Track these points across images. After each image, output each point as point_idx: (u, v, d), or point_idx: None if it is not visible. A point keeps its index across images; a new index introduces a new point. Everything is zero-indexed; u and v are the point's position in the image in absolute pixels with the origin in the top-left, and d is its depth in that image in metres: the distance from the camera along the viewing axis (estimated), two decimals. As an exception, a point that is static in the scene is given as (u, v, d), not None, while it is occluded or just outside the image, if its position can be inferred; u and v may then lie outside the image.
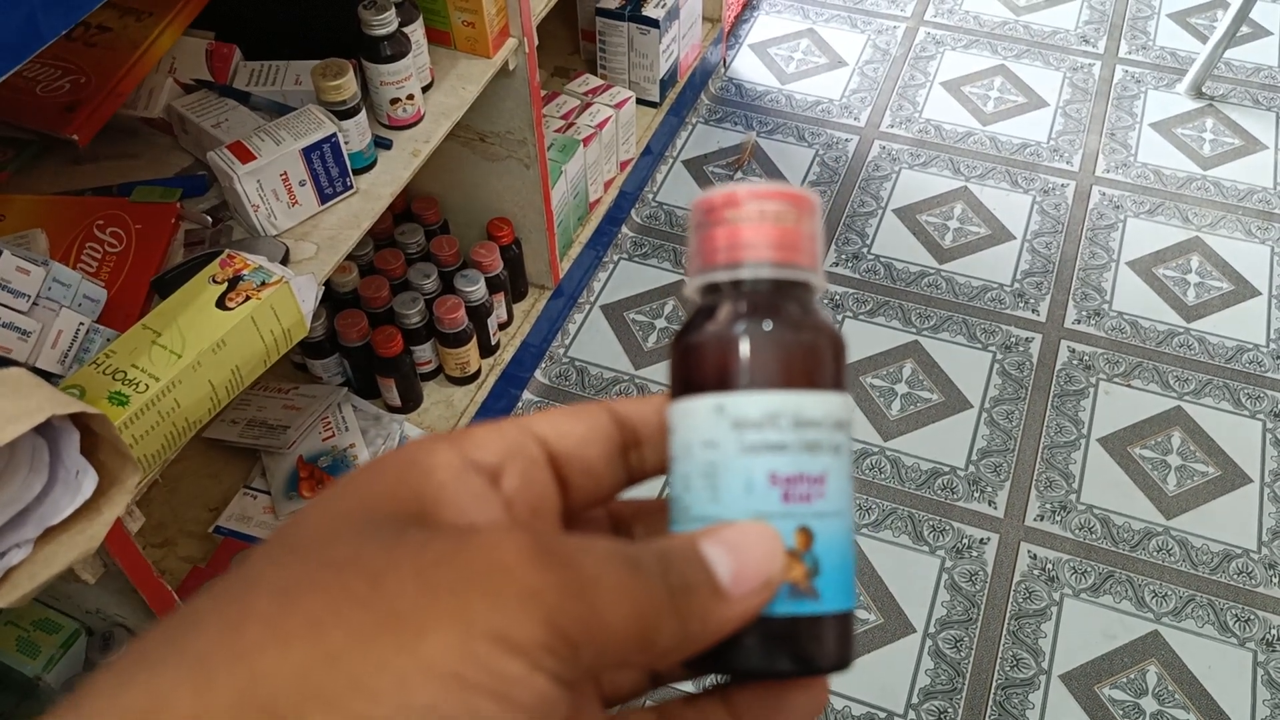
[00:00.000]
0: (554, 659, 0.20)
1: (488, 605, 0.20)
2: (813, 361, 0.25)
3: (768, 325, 0.25)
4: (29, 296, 0.78)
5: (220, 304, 0.83)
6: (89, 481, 0.56)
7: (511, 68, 1.21)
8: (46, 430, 0.56)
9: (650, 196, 1.78)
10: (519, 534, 0.21)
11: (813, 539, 0.24)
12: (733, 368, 0.25)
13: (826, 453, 0.25)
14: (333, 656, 0.19)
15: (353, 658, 0.19)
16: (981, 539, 1.36)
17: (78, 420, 0.58)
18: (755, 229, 0.25)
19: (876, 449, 1.45)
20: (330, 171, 0.99)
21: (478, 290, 1.32)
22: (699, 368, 0.26)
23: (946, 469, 1.43)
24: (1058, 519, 1.38)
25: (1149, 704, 1.22)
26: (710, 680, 0.26)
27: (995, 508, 1.39)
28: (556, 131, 1.51)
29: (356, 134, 1.02)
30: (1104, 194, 1.79)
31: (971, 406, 1.50)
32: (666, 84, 1.75)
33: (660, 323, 1.60)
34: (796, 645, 0.24)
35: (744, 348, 0.25)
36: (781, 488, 0.24)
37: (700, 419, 0.25)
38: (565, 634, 0.21)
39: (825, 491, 0.25)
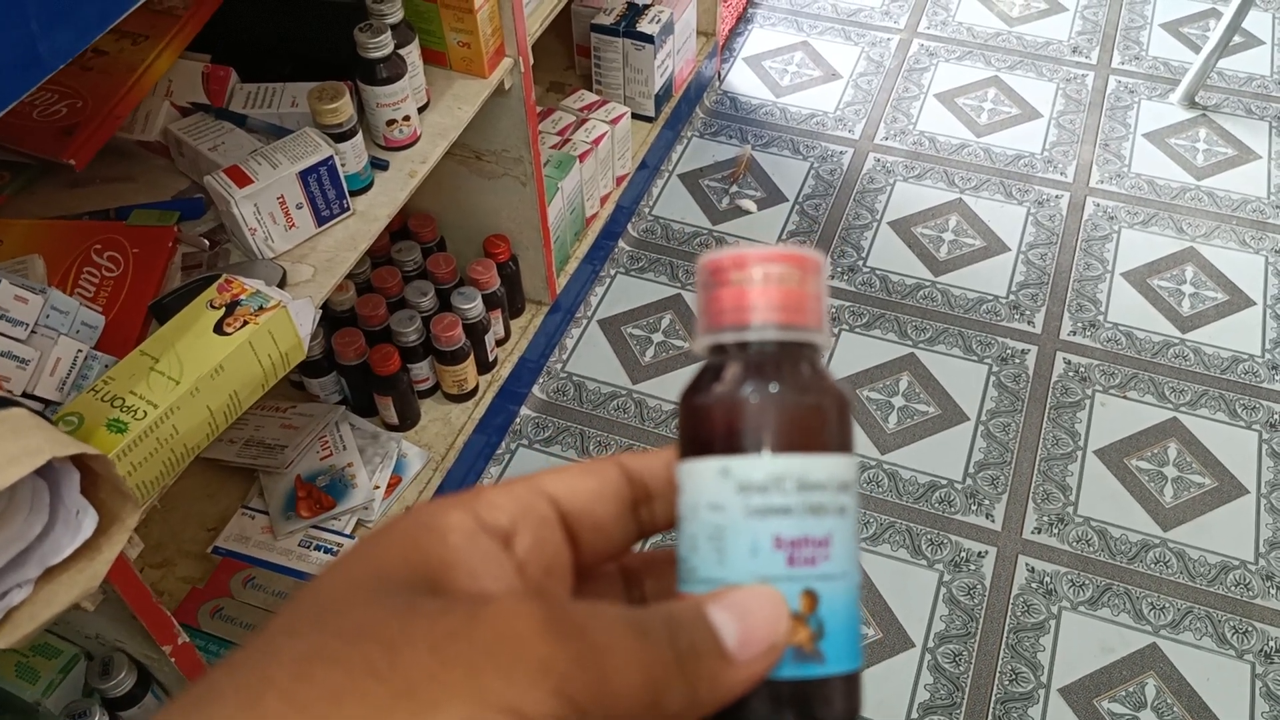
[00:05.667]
0: None
1: (500, 678, 0.20)
2: (817, 424, 0.25)
3: (773, 388, 0.25)
4: (27, 325, 0.78)
5: (218, 329, 0.83)
6: (89, 521, 0.56)
7: (507, 87, 1.21)
8: (47, 470, 0.56)
9: (646, 210, 1.79)
10: (530, 604, 0.22)
11: (817, 602, 0.25)
12: (738, 431, 0.25)
13: (831, 515, 0.25)
14: None
15: None
16: (979, 552, 1.36)
17: (78, 458, 0.58)
18: (761, 291, 0.25)
19: (874, 462, 1.45)
20: (327, 194, 1.00)
21: (475, 307, 1.32)
22: (705, 429, 0.26)
23: (944, 482, 1.43)
24: (1055, 531, 1.38)
25: (1148, 717, 1.22)
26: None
27: (993, 521, 1.39)
28: (552, 148, 1.52)
29: (353, 156, 1.02)
30: (1098, 205, 1.80)
31: (968, 419, 1.50)
32: (662, 98, 1.75)
33: (657, 337, 1.60)
34: (803, 707, 0.25)
35: (748, 411, 0.25)
36: (786, 551, 0.24)
37: (706, 481, 0.25)
38: (576, 703, 0.21)
39: (830, 554, 0.25)
